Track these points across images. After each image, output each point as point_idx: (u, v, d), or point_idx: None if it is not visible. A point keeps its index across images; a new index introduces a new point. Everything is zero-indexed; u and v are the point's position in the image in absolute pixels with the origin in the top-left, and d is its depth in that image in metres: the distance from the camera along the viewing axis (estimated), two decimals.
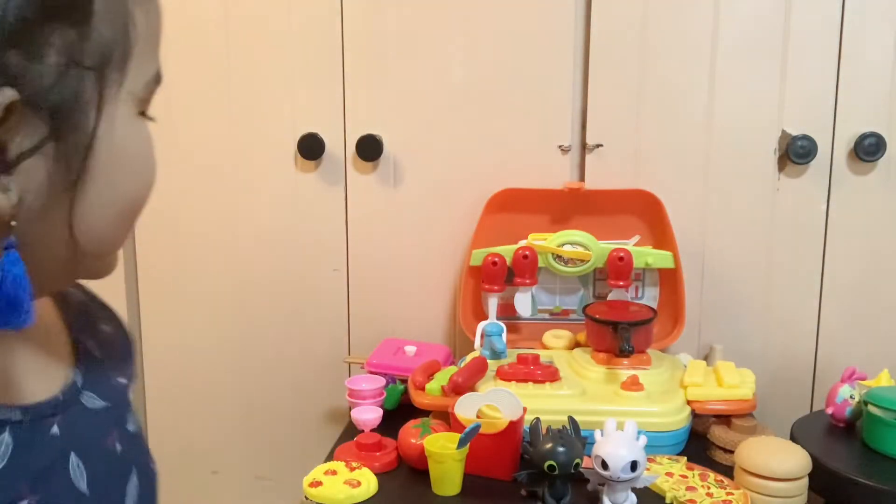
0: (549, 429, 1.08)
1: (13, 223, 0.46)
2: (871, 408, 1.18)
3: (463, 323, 1.47)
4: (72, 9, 0.46)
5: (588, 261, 1.41)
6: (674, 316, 1.44)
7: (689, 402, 1.25)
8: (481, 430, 1.12)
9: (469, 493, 1.12)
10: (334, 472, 1.14)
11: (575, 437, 1.08)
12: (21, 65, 0.44)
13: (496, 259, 1.41)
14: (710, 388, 1.26)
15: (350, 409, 1.29)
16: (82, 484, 0.56)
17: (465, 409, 1.17)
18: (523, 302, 1.45)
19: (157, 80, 0.54)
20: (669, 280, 1.45)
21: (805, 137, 1.41)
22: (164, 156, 0.72)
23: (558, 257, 1.42)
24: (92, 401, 0.60)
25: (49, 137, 0.46)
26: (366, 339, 1.56)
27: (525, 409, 1.16)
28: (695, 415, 1.26)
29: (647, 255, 1.41)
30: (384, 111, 1.50)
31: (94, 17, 0.47)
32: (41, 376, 0.57)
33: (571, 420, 1.11)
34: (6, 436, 0.50)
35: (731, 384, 1.26)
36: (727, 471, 1.15)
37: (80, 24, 0.46)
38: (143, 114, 0.53)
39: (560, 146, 1.48)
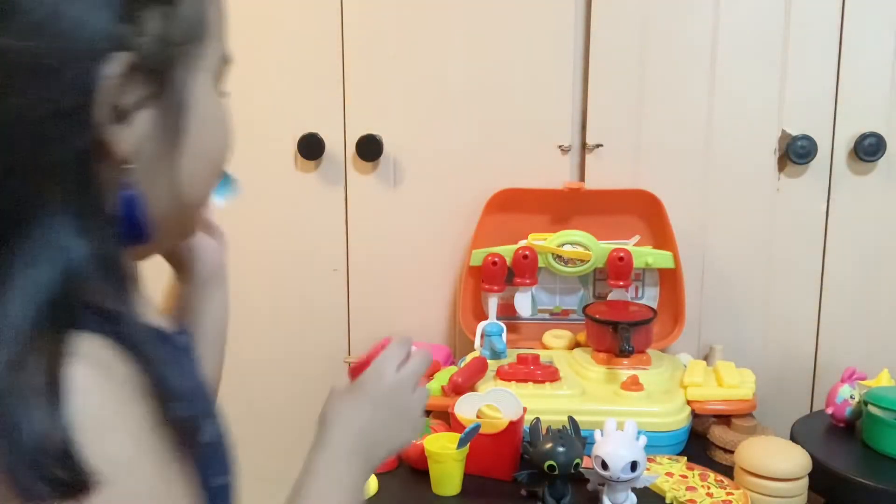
0: (549, 429, 1.08)
1: (129, 165, 0.55)
2: (871, 408, 1.18)
3: (463, 323, 1.47)
4: None
5: (588, 261, 1.41)
6: (674, 316, 1.44)
7: (689, 402, 1.25)
8: (481, 430, 1.12)
9: (469, 493, 1.12)
10: None
11: (575, 437, 1.08)
12: (128, 36, 0.53)
13: (496, 259, 1.41)
14: (710, 388, 1.26)
15: None
16: None
17: (465, 409, 1.17)
18: (523, 302, 1.45)
19: (226, 59, 0.64)
20: (669, 280, 1.45)
21: (805, 137, 1.41)
22: None
23: (558, 257, 1.42)
24: None
25: (152, 96, 0.55)
26: (366, 340, 1.56)
27: (525, 409, 1.16)
28: (695, 415, 1.26)
29: (647, 255, 1.41)
30: (384, 111, 1.50)
31: (181, 2, 0.57)
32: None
33: (571, 420, 1.11)
34: None
35: (731, 384, 1.26)
36: (727, 471, 1.15)
37: (170, 6, 0.56)
38: (222, 94, 0.63)
39: (560, 146, 1.48)
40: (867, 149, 1.40)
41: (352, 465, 0.71)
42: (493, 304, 1.42)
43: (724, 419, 1.25)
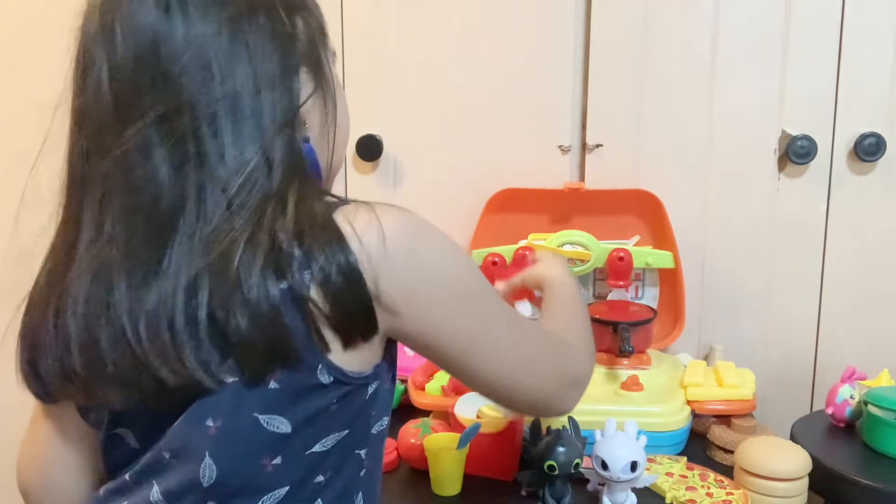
0: (549, 429, 1.08)
1: (308, 132, 0.73)
2: (871, 408, 1.18)
3: None
4: (301, 3, 0.73)
5: (588, 261, 1.41)
6: (674, 316, 1.44)
7: (689, 402, 1.25)
8: (481, 430, 1.12)
9: (469, 493, 1.12)
10: None
11: (575, 437, 1.07)
12: (297, 38, 0.72)
13: (496, 259, 1.41)
14: (710, 388, 1.26)
15: None
16: None
17: (465, 409, 1.17)
18: (523, 302, 1.45)
19: (335, 56, 0.79)
20: (669, 280, 1.45)
21: (805, 137, 1.41)
22: None
23: None
24: None
25: (315, 89, 0.73)
26: None
27: None
28: (695, 415, 1.26)
29: (647, 255, 1.41)
30: (384, 111, 1.50)
31: (313, 8, 0.75)
32: None
33: (571, 420, 1.11)
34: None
35: (731, 384, 1.26)
36: (727, 471, 1.15)
37: (308, 10, 0.74)
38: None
39: (560, 146, 1.48)
40: (867, 149, 1.40)
41: (576, 287, 0.98)
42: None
43: (724, 419, 1.25)
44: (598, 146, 1.47)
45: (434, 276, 0.70)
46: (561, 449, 1.04)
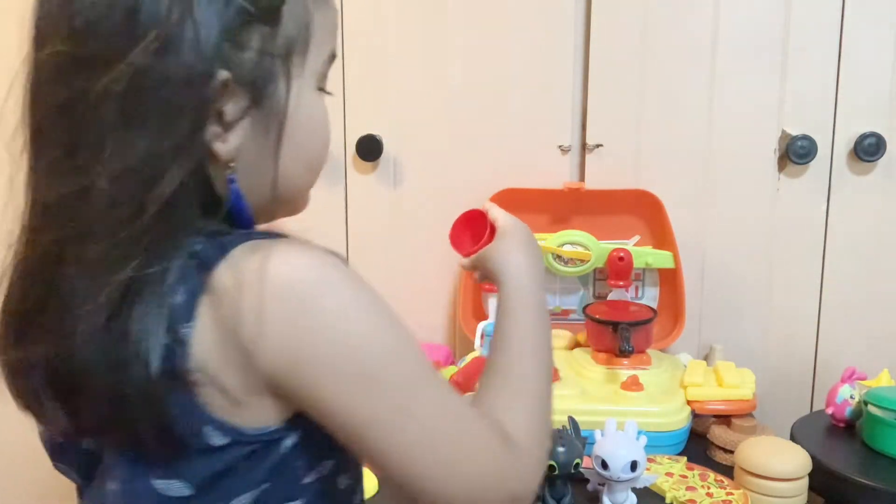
0: None
1: (232, 165, 0.63)
2: (871, 408, 1.18)
3: (463, 323, 1.47)
4: (267, 15, 0.62)
5: (588, 261, 1.41)
6: (674, 316, 1.44)
7: (689, 402, 1.25)
8: None
9: None
10: None
11: (575, 437, 1.07)
12: (231, 53, 0.60)
13: None
14: (710, 388, 1.26)
15: None
16: None
17: None
18: None
19: (332, 57, 0.69)
20: (669, 280, 1.45)
21: (805, 137, 1.41)
22: None
23: (558, 257, 1.42)
24: None
25: (251, 106, 0.62)
26: None
27: None
28: (695, 415, 1.26)
29: (647, 255, 1.41)
30: (384, 111, 1.50)
31: (282, 19, 0.63)
32: None
33: (571, 420, 1.11)
34: None
35: (731, 384, 1.26)
36: (727, 471, 1.15)
37: (272, 25, 0.62)
38: (321, 89, 0.68)
39: (560, 146, 1.48)
40: (867, 149, 1.40)
41: (539, 288, 0.82)
42: (493, 304, 1.42)
43: (724, 419, 1.25)
44: (598, 146, 1.47)
45: (324, 343, 0.58)
46: (561, 449, 1.04)
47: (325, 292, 0.60)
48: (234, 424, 0.59)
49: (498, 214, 0.93)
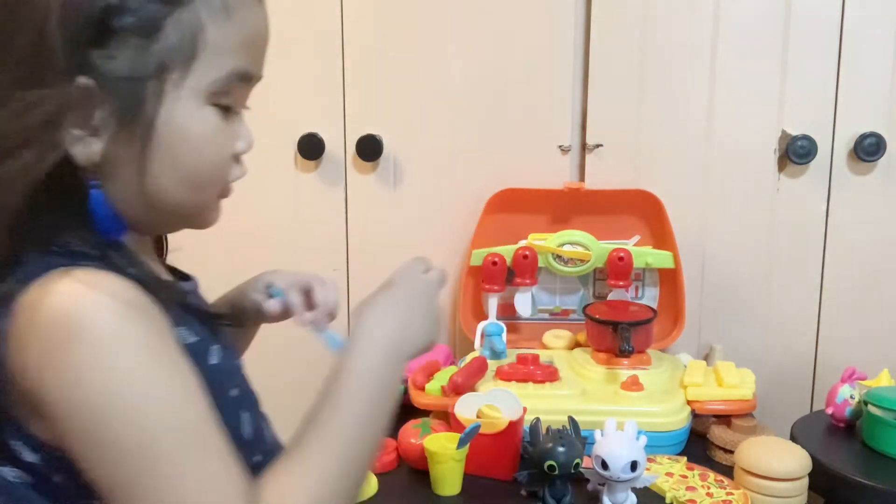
0: (549, 429, 1.08)
1: (93, 170, 0.64)
2: (871, 408, 1.18)
3: (463, 323, 1.47)
4: (144, 25, 0.62)
5: (588, 261, 1.41)
6: (674, 316, 1.44)
7: (689, 402, 1.25)
8: (481, 430, 1.12)
9: (469, 493, 1.12)
10: None
11: (575, 437, 1.07)
12: (100, 62, 0.61)
13: (496, 259, 1.41)
14: (710, 388, 1.26)
15: None
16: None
17: (465, 409, 1.17)
18: (523, 302, 1.45)
19: (239, 77, 0.69)
20: (669, 280, 1.45)
21: (805, 137, 1.41)
22: None
23: (558, 257, 1.42)
24: None
25: (116, 115, 0.62)
26: None
27: (525, 409, 1.16)
28: (695, 415, 1.26)
29: (647, 255, 1.41)
30: (384, 111, 1.50)
31: (163, 31, 0.63)
32: None
33: (571, 420, 1.11)
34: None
35: (731, 384, 1.26)
36: (727, 471, 1.15)
37: (150, 37, 0.62)
38: (227, 107, 0.69)
39: (560, 146, 1.48)
40: (867, 149, 1.40)
41: (387, 360, 0.72)
42: (493, 304, 1.42)
43: (724, 419, 1.25)
44: (598, 146, 1.47)
45: (67, 388, 0.57)
46: (561, 449, 1.04)
47: (83, 337, 0.57)
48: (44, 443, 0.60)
49: (407, 263, 0.85)
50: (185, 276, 0.82)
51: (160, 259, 0.81)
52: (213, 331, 0.73)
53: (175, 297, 0.68)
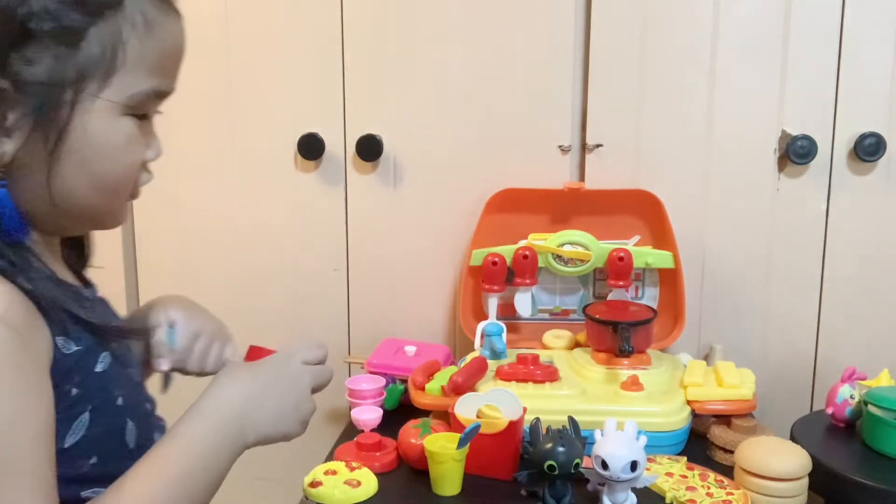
0: (549, 429, 1.08)
1: (2, 170, 0.65)
2: (871, 408, 1.18)
3: (463, 323, 1.47)
4: (65, 34, 0.64)
5: (588, 261, 1.41)
6: (674, 316, 1.44)
7: (689, 402, 1.25)
8: (481, 430, 1.12)
9: (469, 493, 1.12)
10: (334, 472, 1.14)
11: (575, 437, 1.07)
12: (18, 65, 0.63)
13: (496, 259, 1.41)
14: (710, 388, 1.26)
15: (350, 409, 1.29)
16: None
17: (465, 409, 1.17)
18: (523, 302, 1.45)
19: (156, 95, 0.71)
20: (669, 280, 1.45)
21: (805, 137, 1.41)
22: (162, 156, 0.74)
23: (558, 257, 1.42)
24: None
25: (30, 118, 0.64)
26: (366, 339, 1.56)
27: (525, 409, 1.16)
28: (695, 415, 1.26)
29: (647, 255, 1.41)
30: (384, 111, 1.50)
31: (84, 41, 0.65)
32: None
33: (571, 420, 1.11)
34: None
35: (731, 384, 1.26)
36: (727, 471, 1.15)
37: (70, 46, 0.64)
38: (144, 116, 0.71)
39: (560, 146, 1.48)
40: (867, 149, 1.40)
41: (221, 435, 0.73)
42: (493, 304, 1.42)
43: (724, 419, 1.25)
44: (598, 146, 1.47)
45: None
46: (561, 449, 1.04)
47: None
48: None
49: (294, 347, 0.83)
50: (86, 283, 0.81)
51: (70, 262, 0.80)
52: (107, 338, 0.73)
53: (65, 303, 0.68)
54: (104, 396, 0.70)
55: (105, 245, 1.60)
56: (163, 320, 0.91)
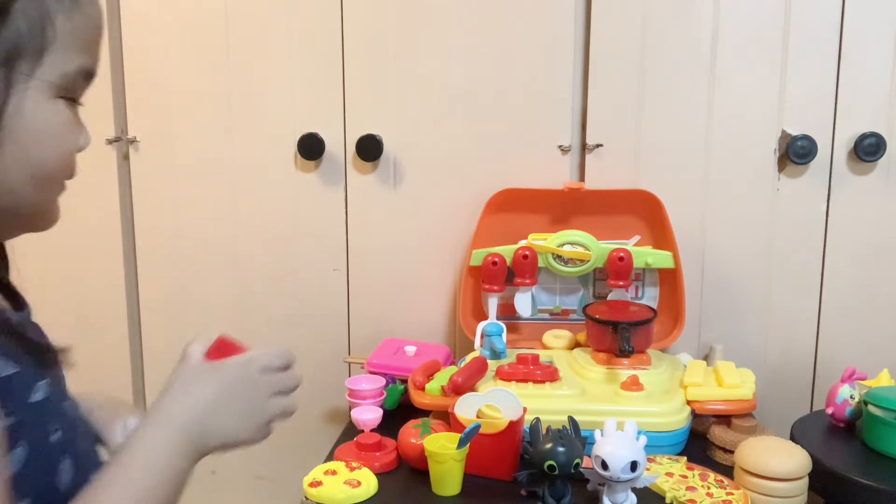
0: (549, 429, 1.08)
1: None
2: (871, 408, 1.18)
3: (463, 323, 1.47)
4: None
5: (588, 261, 1.41)
6: (674, 316, 1.44)
7: (689, 402, 1.25)
8: (481, 430, 1.12)
9: (469, 493, 1.12)
10: (334, 472, 1.14)
11: (575, 437, 1.07)
12: None
13: (496, 259, 1.41)
14: (710, 388, 1.26)
15: (350, 409, 1.29)
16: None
17: (465, 409, 1.17)
18: (523, 302, 1.45)
19: (84, 75, 0.65)
20: (669, 280, 1.45)
21: (805, 137, 1.41)
22: (163, 157, 0.74)
23: (558, 257, 1.42)
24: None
25: None
26: (366, 339, 1.56)
27: (525, 409, 1.16)
28: (695, 415, 1.26)
29: (647, 255, 1.41)
30: (384, 111, 1.50)
31: (9, 17, 0.59)
32: None
33: (571, 420, 1.11)
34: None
35: (731, 384, 1.26)
36: (727, 471, 1.15)
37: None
38: (72, 99, 0.65)
39: (560, 146, 1.48)
40: (867, 149, 1.40)
41: (176, 440, 0.69)
42: (493, 304, 1.42)
43: (724, 419, 1.25)
44: (598, 146, 1.47)
45: None
46: (561, 449, 1.04)
47: None
48: None
49: (259, 351, 0.77)
50: (20, 304, 0.74)
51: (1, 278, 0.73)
52: (46, 365, 0.67)
53: None
54: (40, 432, 0.64)
55: (106, 244, 1.61)
56: (122, 429, 0.83)
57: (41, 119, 0.62)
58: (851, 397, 1.24)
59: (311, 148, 1.51)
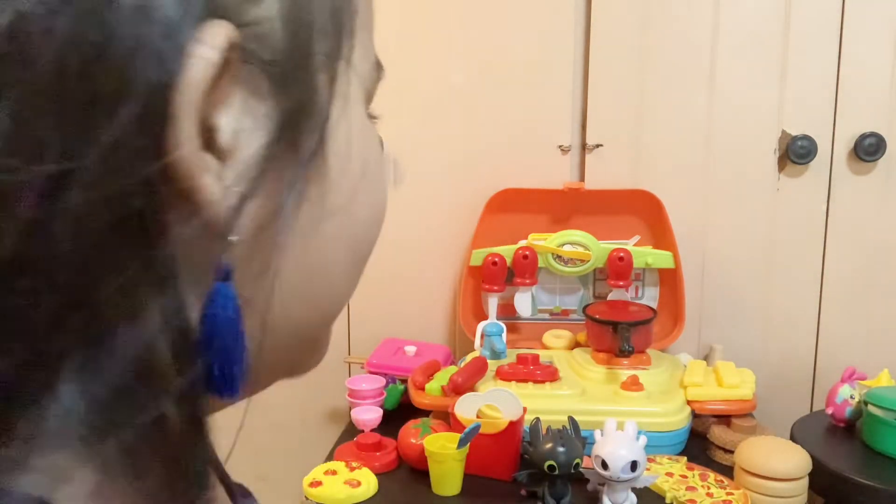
0: (549, 429, 1.08)
1: (232, 238, 0.27)
2: (871, 408, 1.18)
3: (463, 323, 1.47)
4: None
5: (588, 261, 1.41)
6: (674, 316, 1.44)
7: (689, 402, 1.25)
8: (481, 430, 1.12)
9: (469, 493, 1.12)
10: (334, 472, 1.14)
11: (575, 437, 1.07)
12: (232, 10, 0.27)
13: (496, 259, 1.41)
14: (710, 388, 1.26)
15: (350, 409, 1.29)
16: None
17: (465, 409, 1.17)
18: (523, 302, 1.45)
19: (379, 69, 0.39)
20: (669, 280, 1.45)
21: (805, 137, 1.41)
22: None
23: (558, 257, 1.42)
24: None
25: (275, 113, 0.28)
26: (366, 339, 1.56)
27: (525, 409, 1.16)
28: (695, 415, 1.26)
29: (647, 255, 1.41)
30: (384, 111, 1.50)
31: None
32: None
33: (571, 420, 1.11)
34: None
35: (731, 384, 1.26)
36: (727, 471, 1.15)
37: None
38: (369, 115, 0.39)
39: (560, 146, 1.48)
40: (867, 149, 1.40)
41: None
42: (493, 304, 1.42)
43: (724, 419, 1.25)
44: (598, 146, 1.47)
45: None
46: (561, 449, 1.04)
47: None
48: None
49: None
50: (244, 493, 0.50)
51: None
52: None
53: None
54: None
55: None
56: None
57: (366, 149, 0.36)
58: (851, 397, 1.24)
59: None
